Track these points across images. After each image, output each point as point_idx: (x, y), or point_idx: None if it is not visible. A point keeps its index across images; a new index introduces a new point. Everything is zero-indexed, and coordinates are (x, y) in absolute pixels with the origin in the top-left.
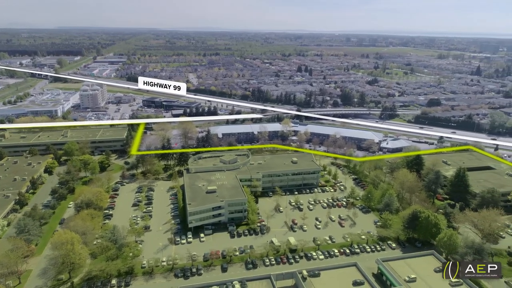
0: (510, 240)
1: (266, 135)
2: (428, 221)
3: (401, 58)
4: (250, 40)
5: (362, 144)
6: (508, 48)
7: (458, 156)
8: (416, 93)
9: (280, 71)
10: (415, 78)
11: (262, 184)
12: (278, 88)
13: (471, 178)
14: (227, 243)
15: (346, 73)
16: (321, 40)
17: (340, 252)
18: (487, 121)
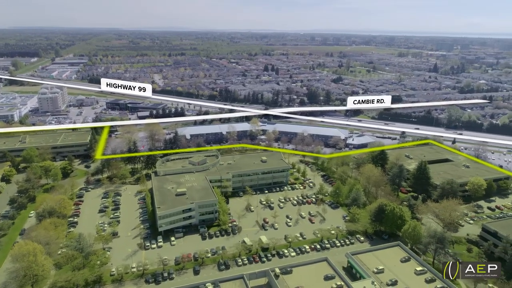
0: (468, 228)
1: (235, 135)
2: (393, 214)
3: (364, 57)
4: (216, 40)
5: (329, 141)
6: (462, 46)
7: (419, 150)
8: (378, 90)
9: (247, 70)
10: (377, 76)
11: (233, 184)
12: (245, 88)
13: (431, 170)
14: (198, 245)
15: (311, 71)
16: (286, 40)
17: (311, 248)
18: (444, 115)
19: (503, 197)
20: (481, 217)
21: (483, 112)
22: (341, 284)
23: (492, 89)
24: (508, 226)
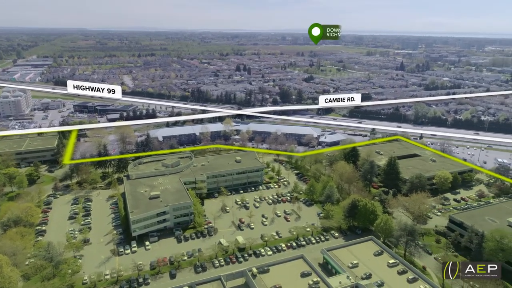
0: (436, 220)
1: (208, 135)
2: (366, 209)
3: (334, 56)
4: (186, 40)
5: (302, 139)
6: (426, 45)
7: (389, 146)
8: (349, 89)
9: (219, 70)
10: (347, 74)
11: (207, 186)
12: (217, 88)
13: (401, 165)
14: (174, 248)
15: (283, 71)
16: (257, 39)
17: (287, 246)
18: (412, 112)
19: (467, 189)
20: (448, 209)
21: (447, 108)
22: (317, 280)
23: (455, 85)
24: (473, 216)
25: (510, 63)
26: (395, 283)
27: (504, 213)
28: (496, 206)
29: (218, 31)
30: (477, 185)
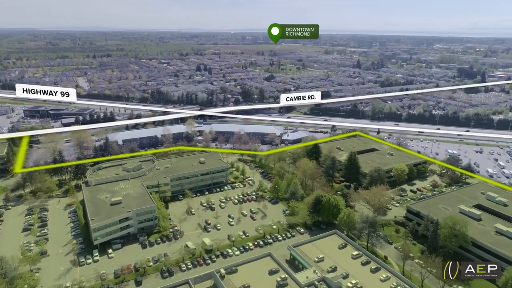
0: (395, 210)
1: (170, 137)
2: (329, 204)
3: (293, 55)
4: (144, 40)
5: (266, 138)
6: (380, 43)
7: (349, 141)
8: (309, 87)
9: (179, 71)
10: (307, 73)
11: (171, 188)
12: (178, 89)
13: (360, 160)
14: (139, 254)
15: (244, 70)
16: (217, 39)
17: (255, 244)
18: (369, 108)
19: (422, 180)
20: (405, 200)
21: (401, 104)
22: (285, 277)
23: (408, 82)
24: (428, 206)
25: (456, 60)
26: (359, 274)
27: (455, 201)
28: (448, 195)
29: (176, 30)
30: (431, 176)
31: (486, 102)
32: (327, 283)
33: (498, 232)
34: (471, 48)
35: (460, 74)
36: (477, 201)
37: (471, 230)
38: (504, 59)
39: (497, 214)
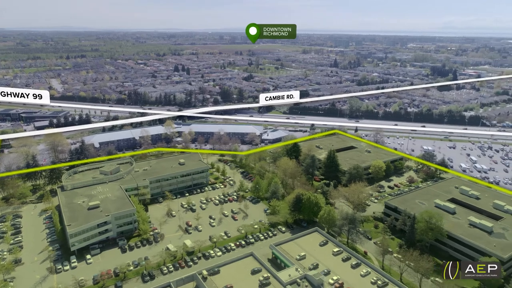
0: (374, 207)
1: (148, 139)
2: (310, 202)
3: (272, 54)
4: (119, 40)
5: (245, 138)
6: (356, 43)
7: (328, 140)
8: (287, 86)
9: (157, 71)
10: (285, 72)
11: (151, 191)
12: (156, 89)
13: (339, 158)
14: (118, 259)
15: (223, 70)
16: (195, 39)
17: (236, 245)
18: (347, 106)
19: (399, 176)
20: (383, 196)
21: (377, 102)
22: (267, 276)
23: (384, 80)
24: (405, 201)
25: (429, 59)
26: (341, 270)
27: (431, 195)
28: (424, 190)
29: (153, 30)
30: (407, 172)
31: (458, 99)
32: (309, 280)
33: (471, 225)
34: (443, 47)
35: (433, 72)
36: (451, 195)
37: (446, 223)
38: (473, 58)
39: (470, 207)
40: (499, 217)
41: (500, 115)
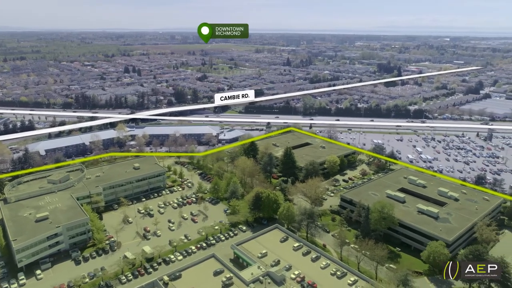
0: (330, 200)
1: (100, 144)
2: (269, 199)
3: (225, 54)
4: (63, 41)
5: (202, 139)
6: (307, 42)
7: (284, 137)
8: (242, 86)
9: (105, 73)
10: (239, 72)
11: (105, 198)
12: (106, 92)
13: (296, 154)
14: (72, 272)
15: (176, 71)
16: (145, 39)
17: (197, 247)
18: (301, 104)
19: (352, 169)
20: (338, 189)
21: (330, 99)
22: (230, 276)
23: (335, 78)
24: (359, 193)
25: (376, 56)
26: (301, 264)
27: (383, 186)
28: (376, 182)
29: (100, 30)
30: (360, 165)
31: (403, 94)
32: (272, 277)
33: (419, 212)
34: (387, 45)
35: (380, 69)
36: (400, 185)
37: (397, 212)
38: (415, 55)
39: (418, 196)
40: (443, 203)
41: (441, 108)
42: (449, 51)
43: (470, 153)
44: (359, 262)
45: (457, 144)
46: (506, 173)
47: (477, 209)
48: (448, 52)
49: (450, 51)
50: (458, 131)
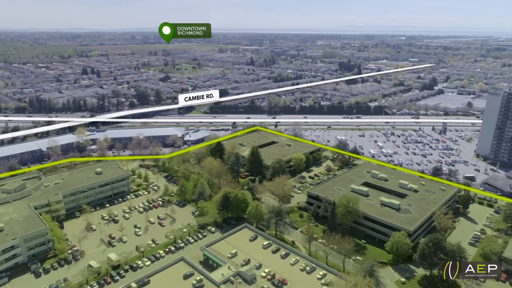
0: (297, 197)
1: (58, 149)
2: (237, 199)
3: (188, 54)
4: (14, 41)
5: (167, 140)
6: (270, 41)
7: (250, 137)
8: (206, 86)
9: (62, 75)
10: (203, 72)
11: (65, 206)
12: (63, 95)
13: (262, 153)
14: (32, 285)
15: (137, 72)
16: (103, 39)
17: (166, 251)
18: (265, 103)
19: (318, 166)
20: (305, 186)
21: (294, 97)
22: (200, 278)
23: (298, 76)
24: (325, 189)
25: (337, 55)
26: (271, 262)
27: (347, 181)
28: (341, 177)
29: (54, 30)
30: (325, 161)
31: (363, 91)
32: (242, 276)
33: (382, 204)
34: (347, 44)
35: (341, 68)
36: (364, 179)
37: (362, 205)
38: (374, 53)
39: (380, 189)
40: (404, 195)
41: (399, 104)
42: (405, 49)
43: (427, 146)
44: (327, 256)
45: (415, 138)
46: (460, 164)
47: (435, 199)
48: (404, 50)
49: (405, 49)
50: (416, 125)
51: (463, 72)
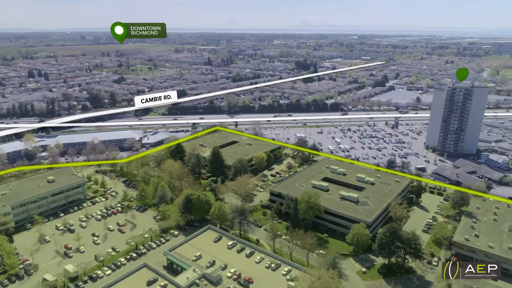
0: (260, 196)
1: (4, 158)
2: (200, 201)
3: (143, 54)
4: None
5: (124, 144)
6: (227, 41)
7: (210, 137)
8: (163, 87)
9: (5, 78)
10: (159, 73)
11: (14, 217)
12: (7, 99)
13: (224, 153)
14: None
15: (89, 73)
16: (51, 40)
17: (127, 258)
18: (225, 103)
19: (279, 163)
20: (267, 184)
21: (253, 97)
22: (165, 284)
23: (256, 76)
24: (287, 186)
25: (293, 54)
26: (237, 261)
27: (308, 177)
28: (301, 173)
29: None
30: (286, 159)
31: (320, 89)
32: (208, 278)
33: (342, 198)
34: (303, 43)
35: (297, 66)
36: (324, 175)
37: (323, 200)
38: (328, 52)
39: (339, 183)
40: (362, 188)
41: (354, 101)
42: (357, 48)
43: (382, 141)
44: (291, 252)
45: (370, 133)
46: (411, 156)
47: (390, 191)
48: (356, 49)
49: (358, 48)
50: (370, 121)
51: (411, 69)
